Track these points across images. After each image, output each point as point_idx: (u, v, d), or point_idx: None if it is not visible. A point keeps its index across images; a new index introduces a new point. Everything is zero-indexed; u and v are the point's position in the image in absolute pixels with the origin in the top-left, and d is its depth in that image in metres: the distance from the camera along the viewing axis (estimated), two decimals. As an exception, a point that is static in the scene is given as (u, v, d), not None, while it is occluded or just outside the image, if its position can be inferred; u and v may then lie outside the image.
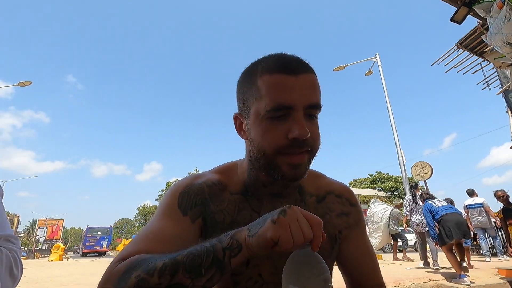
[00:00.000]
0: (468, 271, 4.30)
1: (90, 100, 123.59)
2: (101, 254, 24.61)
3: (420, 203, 5.58)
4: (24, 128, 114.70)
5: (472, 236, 5.48)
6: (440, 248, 4.58)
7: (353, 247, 0.71)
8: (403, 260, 7.55)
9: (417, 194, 6.07)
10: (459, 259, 4.21)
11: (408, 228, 9.71)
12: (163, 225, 0.58)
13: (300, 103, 0.55)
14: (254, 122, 0.58)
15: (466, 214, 7.14)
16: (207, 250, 0.46)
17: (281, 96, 0.55)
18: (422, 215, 5.46)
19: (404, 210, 6.86)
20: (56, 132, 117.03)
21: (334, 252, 0.69)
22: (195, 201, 0.63)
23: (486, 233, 7.06)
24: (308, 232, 0.44)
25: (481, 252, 7.79)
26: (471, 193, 7.29)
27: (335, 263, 0.73)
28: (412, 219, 6.07)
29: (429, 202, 4.72)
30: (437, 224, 4.44)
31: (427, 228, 5.13)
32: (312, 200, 0.70)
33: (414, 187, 6.52)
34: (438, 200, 4.76)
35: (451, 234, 4.09)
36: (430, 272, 4.81)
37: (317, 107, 0.57)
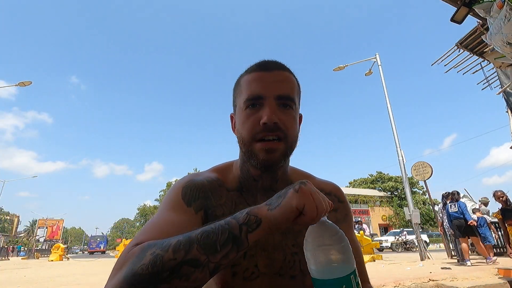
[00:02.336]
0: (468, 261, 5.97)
1: (93, 101, 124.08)
2: (103, 252, 37.04)
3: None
4: (26, 128, 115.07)
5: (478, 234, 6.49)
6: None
7: None
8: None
9: (447, 203, 6.90)
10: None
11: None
12: (170, 215, 0.61)
13: (270, 93, 0.63)
14: (237, 115, 0.68)
15: None
16: (221, 227, 0.46)
17: (254, 88, 0.64)
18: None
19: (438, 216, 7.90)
20: (58, 133, 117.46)
21: None
22: (198, 194, 0.66)
23: None
24: (327, 203, 0.47)
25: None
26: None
27: None
28: (444, 224, 7.27)
29: (448, 204, 6.58)
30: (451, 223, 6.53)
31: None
32: None
33: (445, 196, 7.06)
34: (454, 205, 6.38)
35: (456, 233, 6.38)
36: (430, 271, 4.81)
37: (287, 98, 0.64)
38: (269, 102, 0.62)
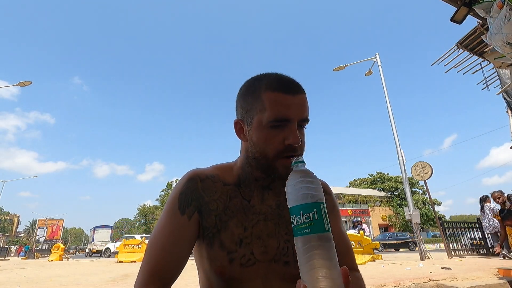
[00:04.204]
0: None
1: (95, 102, 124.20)
2: None
3: (487, 211, 7.54)
4: (29, 129, 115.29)
5: None
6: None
7: None
8: None
9: (484, 206, 7.59)
10: None
11: None
12: (168, 228, 0.69)
13: (295, 117, 0.69)
14: (256, 128, 0.71)
15: None
16: None
17: (282, 111, 0.68)
18: (489, 220, 7.53)
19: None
20: (60, 133, 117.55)
21: None
22: (191, 198, 0.72)
23: None
24: None
25: (480, 252, 8.52)
26: None
27: None
28: (483, 224, 7.95)
29: (501, 208, 6.95)
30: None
31: (494, 230, 7.43)
32: None
33: (483, 199, 7.68)
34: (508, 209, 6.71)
35: None
36: (430, 271, 4.81)
37: (306, 120, 0.72)
38: (294, 125, 0.69)
